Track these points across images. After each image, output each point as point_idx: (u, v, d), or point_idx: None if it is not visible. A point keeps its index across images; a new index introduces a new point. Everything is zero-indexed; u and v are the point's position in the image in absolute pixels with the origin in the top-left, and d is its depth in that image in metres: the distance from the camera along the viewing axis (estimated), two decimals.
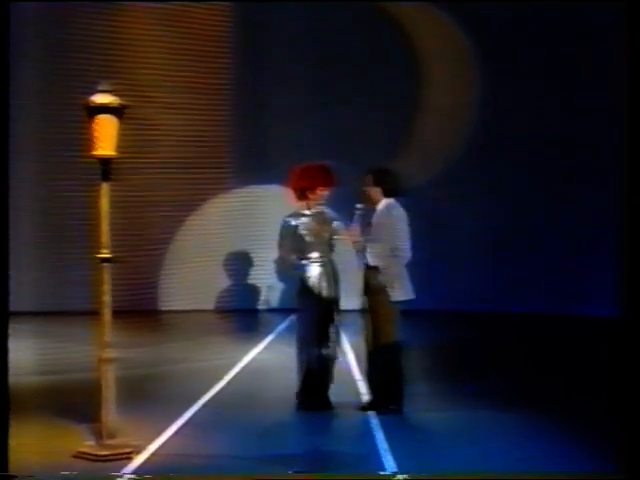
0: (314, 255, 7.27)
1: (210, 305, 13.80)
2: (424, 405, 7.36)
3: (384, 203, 7.12)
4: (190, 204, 13.48)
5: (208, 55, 13.30)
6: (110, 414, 5.89)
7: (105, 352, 5.86)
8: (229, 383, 8.33)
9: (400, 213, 7.08)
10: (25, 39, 11.81)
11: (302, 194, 7.33)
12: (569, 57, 13.13)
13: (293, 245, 7.29)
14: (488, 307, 12.97)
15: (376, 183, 7.12)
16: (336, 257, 7.40)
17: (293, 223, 7.33)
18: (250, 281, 13.74)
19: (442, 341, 11.06)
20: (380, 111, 13.30)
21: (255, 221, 13.19)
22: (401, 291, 7.03)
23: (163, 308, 13.57)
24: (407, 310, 7.14)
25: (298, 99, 13.37)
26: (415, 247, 7.08)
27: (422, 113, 13.57)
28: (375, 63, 13.49)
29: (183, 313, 13.33)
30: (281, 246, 7.37)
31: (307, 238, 7.28)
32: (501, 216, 13.40)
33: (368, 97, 13.39)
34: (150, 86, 12.98)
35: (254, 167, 13.34)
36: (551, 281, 13.23)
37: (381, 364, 7.05)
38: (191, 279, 13.55)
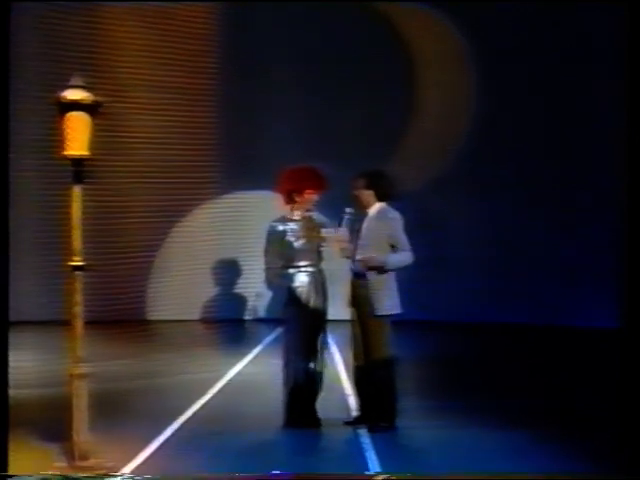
0: (302, 263, 6.93)
1: (197, 315, 13.45)
2: (417, 421, 7.03)
3: (376, 208, 6.78)
4: (175, 210, 13.09)
5: (193, 54, 12.91)
6: (82, 434, 5.54)
7: (77, 367, 5.50)
8: (213, 398, 7.99)
9: (396, 216, 6.73)
10: None
11: (290, 197, 6.99)
12: (568, 61, 12.89)
13: (280, 252, 6.95)
14: (481, 318, 12.72)
15: (368, 186, 6.77)
16: (323, 264, 7.06)
17: (280, 228, 6.98)
18: (238, 290, 13.41)
19: (435, 353, 10.75)
20: (373, 114, 13.01)
21: (243, 228, 12.83)
22: (386, 304, 6.67)
23: (148, 318, 13.20)
24: (398, 320, 6.80)
25: (288, 101, 13.06)
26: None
27: (416, 116, 13.29)
28: (368, 64, 13.18)
29: (169, 323, 12.99)
30: (267, 253, 7.00)
31: (295, 245, 6.94)
32: (497, 224, 13.13)
33: (360, 99, 13.10)
34: (132, 85, 12.60)
35: (241, 171, 12.97)
36: (548, 291, 12.96)
37: (373, 379, 6.70)
38: (177, 288, 13.23)
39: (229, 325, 13.01)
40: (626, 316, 6.11)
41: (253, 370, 9.45)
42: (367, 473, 5.52)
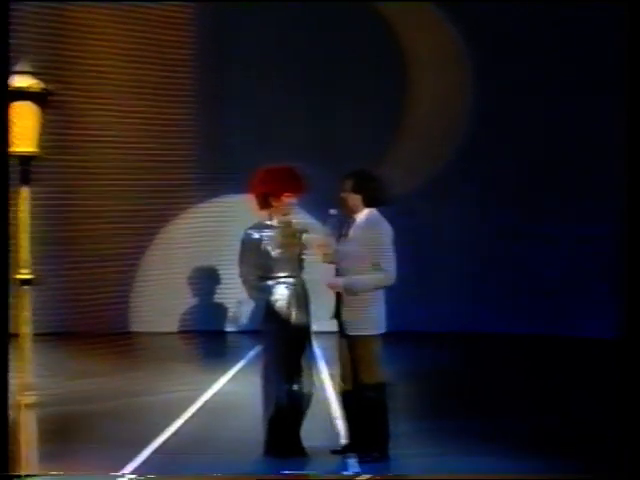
0: (281, 274, 6.30)
1: (176, 327, 12.81)
2: (412, 449, 6.43)
3: (365, 214, 6.12)
4: (151, 215, 12.40)
5: (168, 45, 12.14)
6: (32, 469, 4.88)
7: (25, 396, 4.83)
8: (188, 422, 7.38)
9: (386, 228, 6.07)
10: None
11: (265, 201, 6.37)
12: (568, 61, 12.40)
13: (256, 262, 6.31)
14: (476, 328, 12.26)
15: (356, 189, 6.11)
16: (305, 274, 6.45)
17: (256, 236, 6.35)
18: (220, 300, 12.74)
19: (429, 368, 10.15)
20: (362, 112, 12.46)
21: (224, 233, 12.08)
22: (369, 323, 6.02)
23: (124, 330, 12.51)
24: (390, 332, 6.20)
25: (270, 97, 12.42)
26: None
27: (408, 116, 12.73)
28: (357, 60, 12.63)
29: (146, 335, 12.32)
30: (242, 263, 6.38)
31: (273, 254, 6.31)
32: (491, 231, 12.64)
33: (349, 97, 12.55)
34: (102, 79, 11.86)
35: (220, 173, 12.27)
36: (545, 301, 12.51)
37: (362, 403, 6.07)
38: (155, 298, 12.57)
39: (210, 337, 12.35)
40: (624, 327, 5.86)
41: (233, 389, 8.84)
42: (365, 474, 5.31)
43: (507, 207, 12.57)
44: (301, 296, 6.33)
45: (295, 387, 6.22)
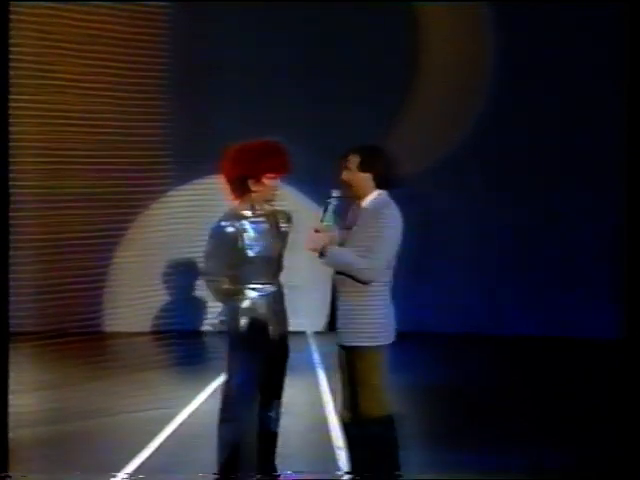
0: (259, 279, 5.26)
1: (154, 326, 11.98)
2: None
3: (373, 197, 5.05)
4: (122, 200, 11.48)
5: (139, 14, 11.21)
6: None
7: None
8: (157, 451, 6.49)
9: (392, 216, 4.99)
10: None
11: (242, 187, 5.26)
12: (568, 59, 12.16)
13: (230, 264, 5.23)
14: (483, 330, 11.95)
15: (365, 167, 5.05)
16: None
17: (231, 230, 5.25)
18: (201, 296, 11.83)
19: (437, 377, 9.42)
20: (355, 87, 11.95)
21: (203, 222, 11.21)
22: (377, 332, 4.95)
23: (92, 330, 11.54)
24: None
25: (251, 63, 11.88)
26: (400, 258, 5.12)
27: (416, 91, 12.28)
28: (360, 30, 12.07)
29: (117, 337, 11.41)
30: (210, 265, 5.29)
31: (251, 253, 5.23)
32: (501, 226, 12.35)
33: (345, 67, 12.01)
34: (67, 51, 10.94)
35: (197, 154, 11.23)
36: (546, 301, 12.25)
37: (367, 439, 5.06)
38: (129, 294, 11.57)
39: (190, 339, 11.31)
40: (627, 327, 6.27)
41: (214, 406, 7.84)
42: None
43: (508, 204, 12.34)
44: (280, 305, 5.35)
45: (270, 415, 5.33)
